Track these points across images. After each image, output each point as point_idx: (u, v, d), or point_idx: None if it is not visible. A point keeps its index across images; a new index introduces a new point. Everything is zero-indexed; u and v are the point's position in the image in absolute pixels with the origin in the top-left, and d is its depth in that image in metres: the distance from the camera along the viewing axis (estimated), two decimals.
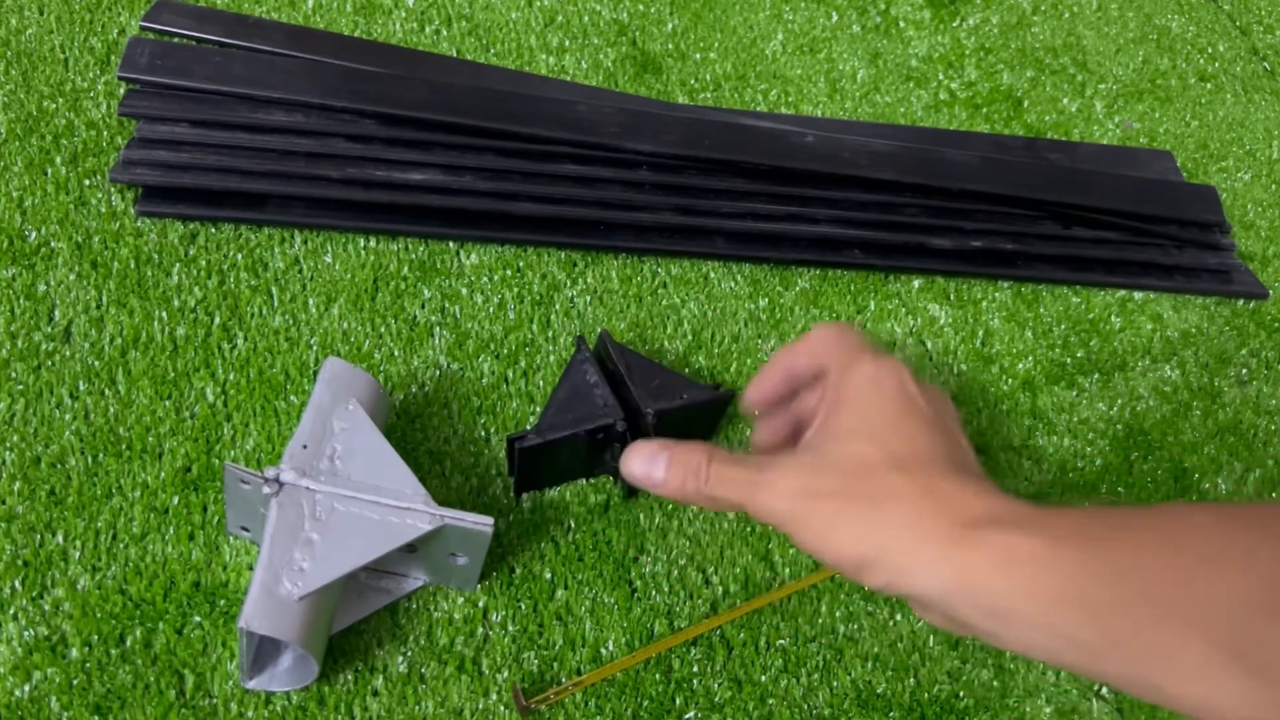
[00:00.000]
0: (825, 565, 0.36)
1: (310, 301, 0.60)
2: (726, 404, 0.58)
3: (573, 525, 0.55)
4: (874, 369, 0.38)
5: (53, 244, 0.59)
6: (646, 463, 0.40)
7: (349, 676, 0.48)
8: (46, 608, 0.47)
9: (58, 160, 0.62)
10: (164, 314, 0.57)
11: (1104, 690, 0.55)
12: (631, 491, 0.56)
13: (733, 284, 0.68)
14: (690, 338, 0.64)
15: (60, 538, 0.49)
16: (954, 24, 0.91)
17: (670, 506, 0.56)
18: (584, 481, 0.56)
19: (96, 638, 0.47)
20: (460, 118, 0.67)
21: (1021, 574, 0.30)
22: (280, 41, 0.71)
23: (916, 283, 0.71)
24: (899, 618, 0.55)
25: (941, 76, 0.86)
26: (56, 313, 0.56)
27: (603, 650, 0.51)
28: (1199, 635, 0.28)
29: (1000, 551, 0.31)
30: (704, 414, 0.58)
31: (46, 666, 0.45)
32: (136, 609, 0.48)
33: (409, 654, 0.49)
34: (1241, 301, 0.76)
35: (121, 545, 0.49)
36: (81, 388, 0.54)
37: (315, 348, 0.58)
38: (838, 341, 0.40)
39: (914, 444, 0.35)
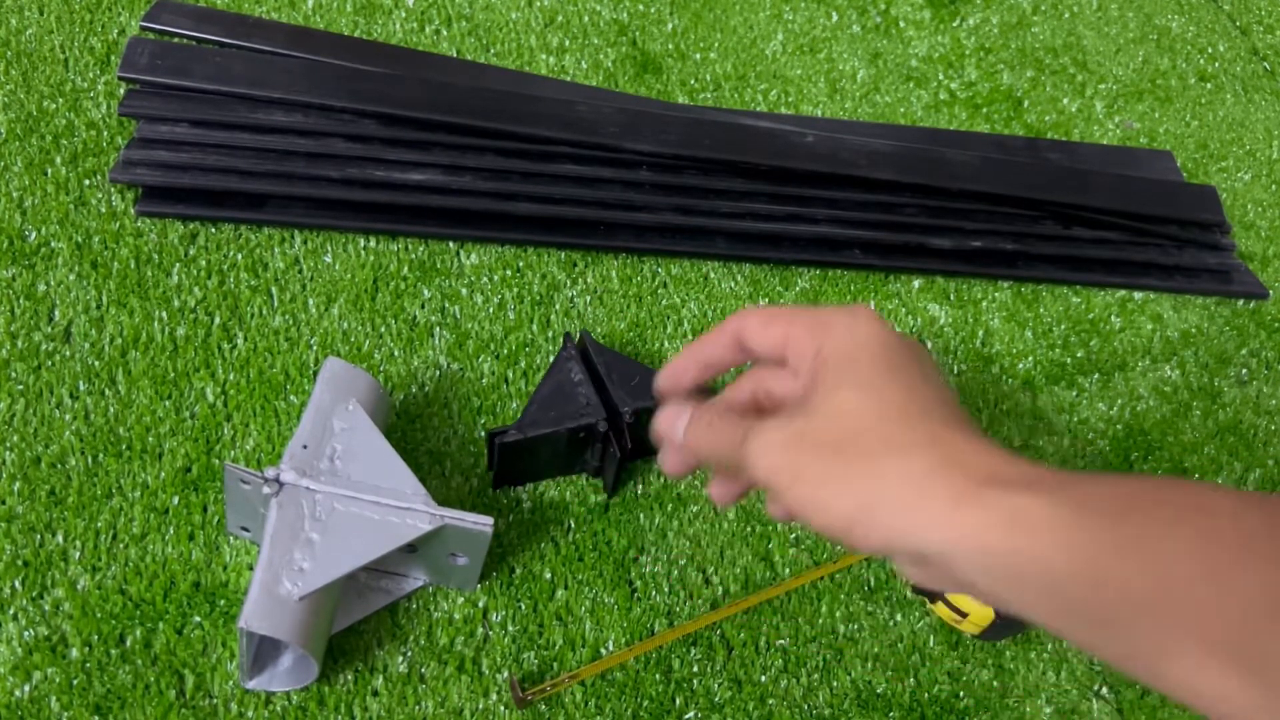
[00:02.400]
0: (813, 526, 0.34)
1: (310, 301, 0.60)
2: None
3: (573, 525, 0.55)
4: (848, 321, 0.35)
5: (53, 244, 0.59)
6: (669, 421, 0.39)
7: (349, 676, 0.48)
8: (46, 608, 0.47)
9: (58, 160, 0.62)
10: (164, 314, 0.57)
11: (1104, 690, 0.55)
12: (615, 490, 0.56)
13: (733, 284, 0.68)
14: (690, 338, 0.64)
15: (60, 538, 0.49)
16: (954, 24, 0.91)
17: (670, 506, 0.56)
18: (584, 481, 0.56)
19: (96, 638, 0.47)
20: (460, 118, 0.67)
21: (1034, 540, 0.29)
22: (280, 41, 0.71)
23: (916, 283, 0.71)
24: (899, 618, 0.55)
25: (941, 76, 0.86)
26: (56, 313, 0.56)
27: (603, 650, 0.51)
28: (1212, 634, 0.27)
29: (1011, 514, 0.29)
30: None
31: (46, 666, 0.45)
32: (136, 609, 0.48)
33: (409, 654, 0.49)
34: (1241, 301, 0.76)
35: (121, 545, 0.49)
36: (81, 388, 0.54)
37: (315, 348, 0.58)
38: (788, 319, 0.37)
39: (909, 393, 0.33)
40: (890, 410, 0.32)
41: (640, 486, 0.57)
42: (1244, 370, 0.72)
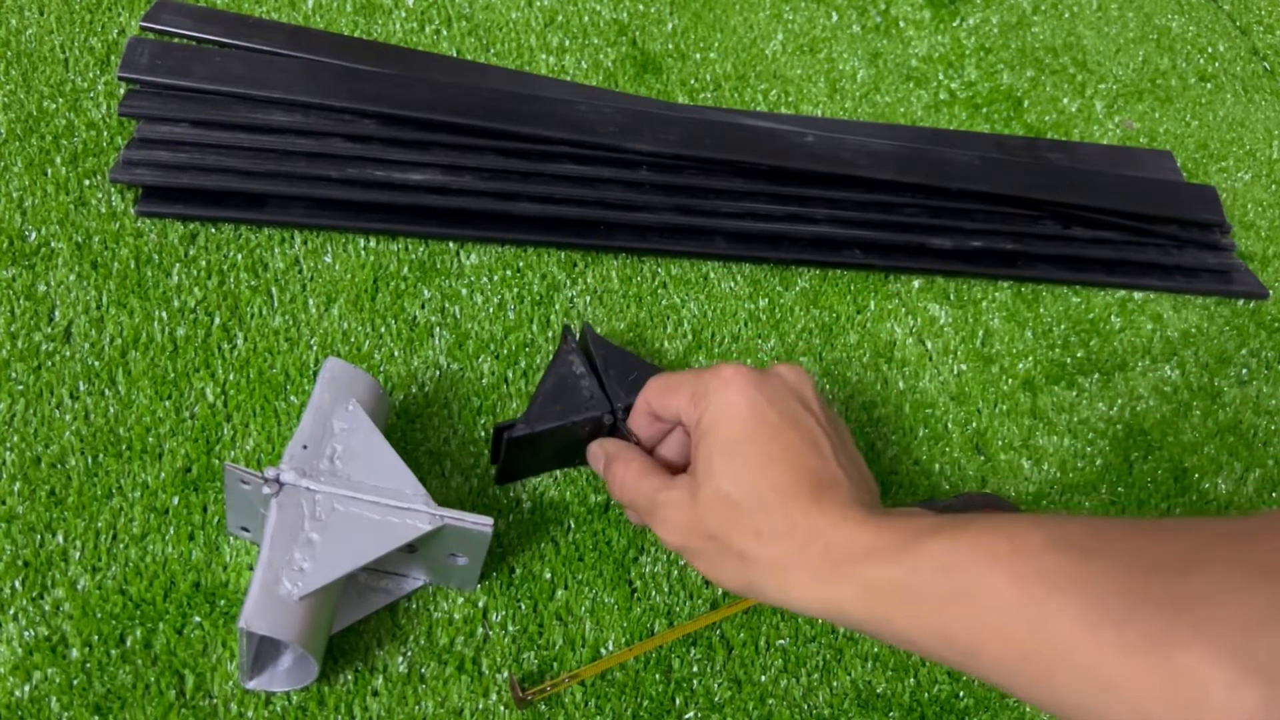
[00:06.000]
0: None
1: (310, 301, 0.60)
2: None
3: (573, 525, 0.55)
4: (720, 391, 0.42)
5: (53, 244, 0.59)
6: (595, 457, 0.50)
7: (349, 676, 0.48)
8: (46, 608, 0.47)
9: (58, 160, 0.62)
10: (164, 314, 0.57)
11: None
12: None
13: (733, 284, 0.68)
14: (690, 338, 0.64)
15: (60, 538, 0.49)
16: (954, 24, 0.91)
17: None
18: (584, 481, 0.56)
19: (96, 638, 0.47)
20: (460, 118, 0.67)
21: (884, 607, 0.35)
22: (280, 41, 0.71)
23: (916, 283, 0.71)
24: None
25: (941, 76, 0.86)
26: (56, 313, 0.56)
27: (603, 650, 0.51)
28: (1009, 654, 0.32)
29: (864, 586, 0.36)
30: None
31: (46, 667, 0.45)
32: (136, 609, 0.48)
33: (409, 654, 0.49)
34: (1241, 301, 0.76)
35: (121, 545, 0.49)
36: (81, 388, 0.54)
37: (315, 348, 0.58)
38: (675, 390, 0.45)
39: (771, 474, 0.39)
40: (756, 499, 0.39)
41: None
42: (1244, 370, 0.72)
